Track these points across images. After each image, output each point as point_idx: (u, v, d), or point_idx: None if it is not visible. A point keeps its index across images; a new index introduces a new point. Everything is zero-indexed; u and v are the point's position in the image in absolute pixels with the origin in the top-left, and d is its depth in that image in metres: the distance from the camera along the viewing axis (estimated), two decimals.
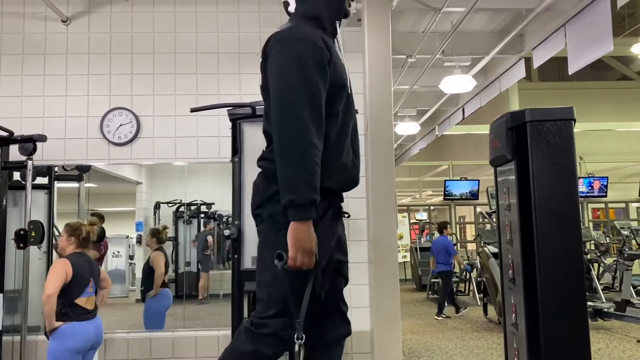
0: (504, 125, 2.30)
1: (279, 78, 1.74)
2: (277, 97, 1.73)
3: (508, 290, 2.43)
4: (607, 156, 12.61)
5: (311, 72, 1.73)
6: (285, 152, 1.69)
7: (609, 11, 4.69)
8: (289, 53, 1.75)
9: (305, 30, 1.81)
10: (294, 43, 1.76)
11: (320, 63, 1.76)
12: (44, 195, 4.62)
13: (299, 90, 1.70)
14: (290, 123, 1.70)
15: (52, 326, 3.23)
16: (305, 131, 1.69)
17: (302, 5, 1.91)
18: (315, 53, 1.76)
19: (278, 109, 1.72)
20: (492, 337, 6.08)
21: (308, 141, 1.69)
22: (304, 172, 1.68)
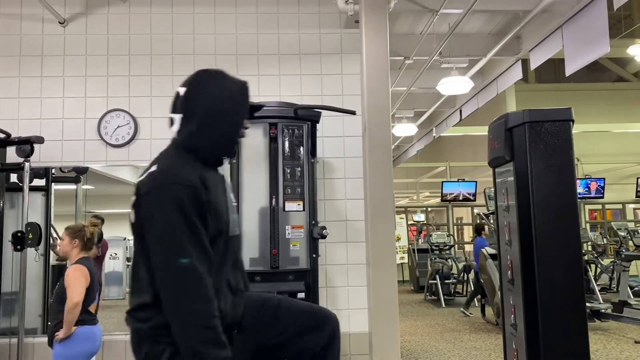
0: (503, 126, 2.31)
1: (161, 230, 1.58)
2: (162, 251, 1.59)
3: (507, 291, 2.43)
4: (604, 157, 12.64)
5: (193, 219, 1.58)
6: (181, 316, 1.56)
7: (605, 13, 4.70)
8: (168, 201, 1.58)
9: (184, 172, 1.63)
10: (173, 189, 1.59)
11: (201, 210, 1.61)
12: (41, 197, 4.60)
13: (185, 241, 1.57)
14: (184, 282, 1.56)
15: (69, 333, 3.22)
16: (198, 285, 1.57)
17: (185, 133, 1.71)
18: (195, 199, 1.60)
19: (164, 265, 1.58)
20: (489, 338, 6.08)
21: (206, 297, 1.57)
22: (209, 333, 1.56)
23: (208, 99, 1.74)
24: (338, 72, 4.80)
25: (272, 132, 3.80)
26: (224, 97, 1.75)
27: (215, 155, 1.76)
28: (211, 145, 1.72)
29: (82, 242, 3.39)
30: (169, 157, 1.70)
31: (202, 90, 1.75)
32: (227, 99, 1.75)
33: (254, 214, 3.74)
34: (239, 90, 1.79)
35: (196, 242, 1.59)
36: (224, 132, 1.74)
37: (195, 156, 1.70)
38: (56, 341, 3.25)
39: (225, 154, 1.79)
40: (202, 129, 1.70)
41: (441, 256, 9.73)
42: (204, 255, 1.60)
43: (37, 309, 4.50)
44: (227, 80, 1.79)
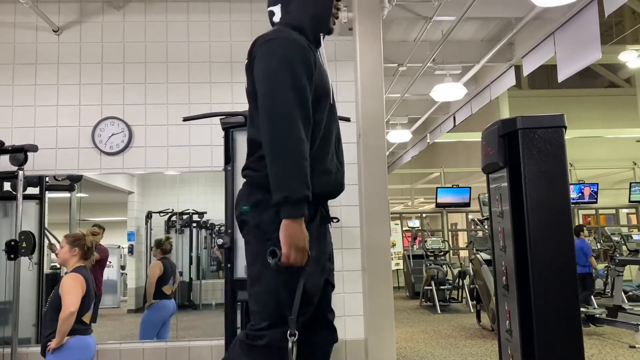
0: (496, 133, 2.32)
1: (266, 77, 1.74)
2: (265, 96, 1.73)
3: (502, 296, 2.44)
4: (597, 163, 12.72)
5: (298, 71, 1.74)
6: (276, 149, 1.69)
7: (596, 19, 4.75)
8: (276, 53, 1.75)
9: (291, 34, 1.82)
10: (281, 43, 1.77)
11: (307, 63, 1.77)
12: (35, 205, 4.58)
13: (287, 88, 1.71)
14: (280, 120, 1.69)
15: (61, 343, 3.19)
16: (295, 128, 1.69)
17: (287, 16, 1.91)
18: (302, 53, 1.77)
19: (267, 107, 1.72)
20: (485, 343, 6.08)
21: (298, 138, 1.69)
22: (296, 169, 1.68)
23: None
24: (332, 79, 4.79)
25: None
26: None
27: (314, 32, 1.90)
28: (310, 22, 1.89)
29: (81, 251, 3.37)
30: (278, 28, 1.88)
31: None
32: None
33: None
34: None
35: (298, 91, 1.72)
36: (320, 10, 1.91)
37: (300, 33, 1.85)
38: (48, 351, 3.22)
39: (323, 30, 1.93)
40: (300, 9, 1.89)
41: (436, 262, 9.74)
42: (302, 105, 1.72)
43: (31, 319, 4.47)
44: None
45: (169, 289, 4.62)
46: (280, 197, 1.67)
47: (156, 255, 4.69)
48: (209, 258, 4.96)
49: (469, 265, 9.00)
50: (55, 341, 3.18)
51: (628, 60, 8.55)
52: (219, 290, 4.80)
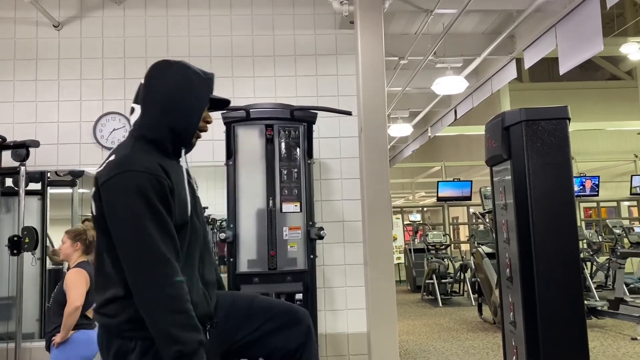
0: (500, 125, 2.32)
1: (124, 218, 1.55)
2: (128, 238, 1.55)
3: (505, 289, 2.44)
4: (598, 155, 12.70)
5: (156, 204, 1.56)
6: (154, 299, 1.53)
7: (598, 11, 4.73)
8: (129, 188, 1.56)
9: (143, 160, 1.61)
10: (133, 176, 1.57)
11: (164, 196, 1.59)
12: (37, 201, 4.58)
13: (149, 226, 1.54)
14: (151, 265, 1.53)
15: (66, 337, 3.21)
16: (170, 269, 1.54)
17: (145, 120, 1.70)
18: (156, 184, 1.58)
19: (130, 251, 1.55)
20: (487, 336, 6.10)
21: (176, 281, 1.54)
22: (182, 317, 1.53)
23: (164, 89, 1.72)
24: (333, 73, 4.80)
25: (269, 134, 3.79)
26: (181, 87, 1.72)
27: (172, 146, 1.73)
28: (167, 135, 1.70)
29: (84, 246, 3.39)
30: (127, 146, 1.68)
31: (159, 80, 1.74)
32: (184, 90, 1.72)
33: (251, 216, 3.74)
34: (199, 82, 1.76)
35: (161, 229, 1.56)
36: (181, 123, 1.72)
37: (153, 146, 1.69)
38: (53, 346, 3.23)
39: (183, 144, 1.75)
40: (159, 119, 1.69)
41: (437, 256, 9.74)
42: (170, 241, 1.58)
43: (35, 314, 4.48)
44: (186, 70, 1.76)
45: None
46: (171, 352, 1.51)
47: None
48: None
49: (470, 259, 9.00)
50: (60, 335, 3.19)
51: (629, 53, 8.52)
52: None
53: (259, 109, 3.85)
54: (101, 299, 1.66)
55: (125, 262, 1.56)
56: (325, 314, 4.51)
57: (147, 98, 1.71)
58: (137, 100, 1.75)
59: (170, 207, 1.61)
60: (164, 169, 1.63)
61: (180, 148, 1.75)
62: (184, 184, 1.72)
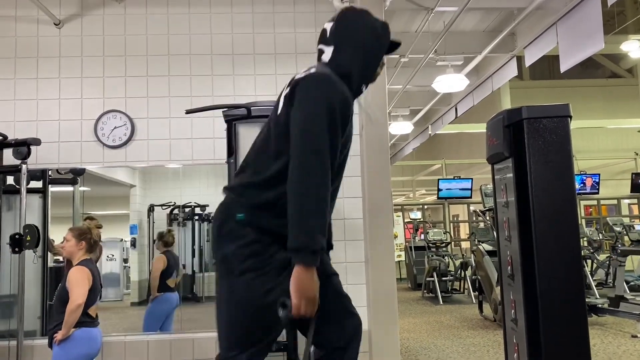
0: (501, 123, 2.32)
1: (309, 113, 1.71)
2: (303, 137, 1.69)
3: (507, 286, 2.44)
4: (599, 153, 12.71)
5: (337, 124, 1.73)
6: (306, 193, 1.64)
7: (599, 9, 4.73)
8: (323, 96, 1.73)
9: (341, 84, 1.80)
10: (330, 87, 1.75)
11: (345, 117, 1.78)
12: (39, 199, 4.59)
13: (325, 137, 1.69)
14: (314, 165, 1.66)
15: (68, 335, 3.23)
16: (325, 176, 1.67)
17: (337, 58, 1.88)
18: (344, 106, 1.77)
19: (303, 148, 1.68)
20: (487, 334, 6.11)
21: (327, 186, 1.67)
22: (321, 219, 1.63)
23: (357, 32, 1.90)
24: None
25: None
26: (372, 32, 1.91)
27: (359, 83, 1.90)
28: (358, 72, 1.87)
29: (88, 244, 3.42)
30: (326, 69, 1.84)
31: (351, 24, 1.91)
32: (374, 34, 1.91)
33: None
34: (381, 28, 1.94)
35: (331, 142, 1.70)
36: (369, 63, 1.90)
37: (343, 79, 1.83)
38: (55, 343, 3.25)
39: (367, 82, 1.94)
40: (352, 58, 1.87)
41: (438, 253, 9.76)
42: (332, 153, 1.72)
43: (36, 311, 4.49)
44: (372, 18, 1.95)
45: (172, 282, 4.64)
46: (299, 242, 1.60)
47: (159, 248, 4.70)
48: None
49: (470, 257, 9.01)
50: (61, 333, 3.21)
51: (630, 51, 8.52)
52: None
53: (260, 106, 3.85)
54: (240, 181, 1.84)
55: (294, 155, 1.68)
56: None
57: (341, 39, 1.89)
58: (325, 42, 1.93)
59: (345, 129, 1.79)
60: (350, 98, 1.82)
61: (361, 85, 1.92)
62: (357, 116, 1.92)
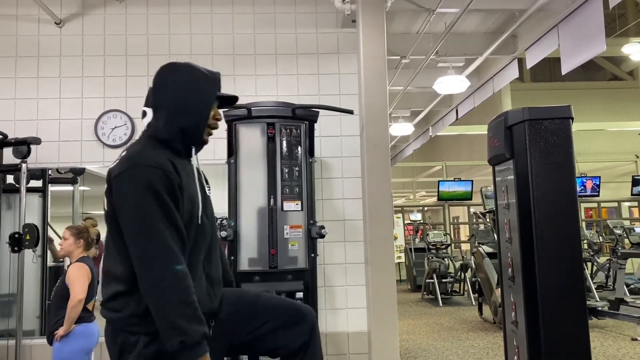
0: (503, 124, 2.31)
1: (133, 209, 1.61)
2: (136, 231, 1.60)
3: (507, 288, 2.43)
4: (599, 156, 12.69)
5: (164, 198, 1.62)
6: (159, 290, 1.56)
7: (601, 11, 4.71)
8: (139, 182, 1.62)
9: (154, 156, 1.68)
10: (143, 170, 1.63)
11: (172, 190, 1.65)
12: (38, 198, 4.58)
13: (159, 221, 1.59)
14: (157, 256, 1.57)
15: (69, 330, 3.30)
16: (175, 261, 1.58)
17: (155, 123, 1.77)
18: (165, 179, 1.64)
19: (138, 243, 1.60)
20: (487, 336, 6.09)
21: (181, 272, 1.58)
22: (186, 308, 1.56)
23: (172, 91, 1.78)
24: (335, 71, 4.80)
25: (270, 132, 3.79)
26: (189, 88, 1.78)
27: (183, 145, 1.79)
28: (178, 135, 1.76)
29: (85, 242, 3.50)
30: (140, 144, 1.76)
31: (167, 83, 1.80)
32: (192, 90, 1.79)
33: (252, 214, 3.73)
34: (205, 81, 1.82)
35: (168, 221, 1.61)
36: (190, 122, 1.77)
37: (164, 145, 1.75)
38: (56, 340, 3.29)
39: (193, 143, 1.81)
40: (169, 120, 1.75)
41: (438, 255, 9.74)
42: (176, 233, 1.62)
43: (35, 311, 4.48)
44: (193, 71, 1.82)
45: None
46: (175, 342, 1.54)
47: None
48: None
49: (470, 258, 9.00)
50: (63, 328, 3.28)
51: (631, 53, 8.50)
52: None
53: (260, 107, 3.85)
54: (107, 293, 1.70)
55: (133, 253, 1.61)
56: (326, 313, 4.51)
57: (157, 101, 1.78)
58: (147, 103, 1.82)
59: (178, 202, 1.66)
60: (174, 166, 1.69)
61: (191, 147, 1.81)
62: (195, 182, 1.78)
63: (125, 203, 1.63)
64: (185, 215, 1.69)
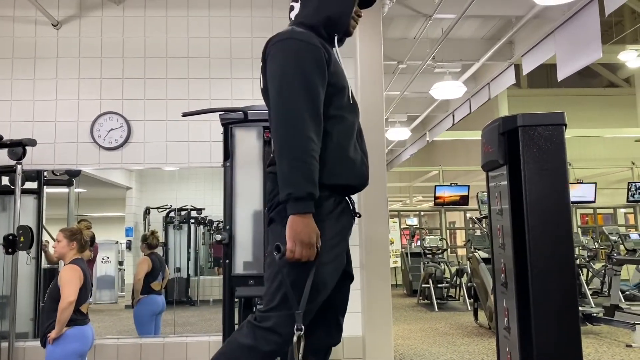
0: (496, 130, 2.32)
1: (277, 76, 1.77)
2: (275, 94, 1.76)
3: (500, 294, 2.44)
4: (596, 162, 12.73)
5: (308, 70, 1.76)
6: (282, 147, 1.72)
7: (597, 19, 4.75)
8: (287, 52, 1.78)
9: (304, 33, 1.84)
10: (293, 43, 1.80)
11: (318, 62, 1.79)
12: (33, 200, 4.57)
13: (297, 87, 1.73)
14: (287, 118, 1.72)
15: (61, 333, 3.28)
16: (302, 126, 1.71)
17: (303, 12, 1.94)
18: (313, 52, 1.79)
19: (276, 105, 1.75)
20: (482, 342, 6.09)
21: (305, 135, 1.71)
22: (301, 166, 1.69)
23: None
24: None
25: (266, 136, 3.79)
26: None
27: (328, 32, 1.93)
28: (324, 22, 1.91)
29: (79, 245, 3.48)
30: (292, 26, 1.91)
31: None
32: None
33: (248, 218, 3.73)
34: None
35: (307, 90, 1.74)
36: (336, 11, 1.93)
37: (312, 30, 1.89)
38: (49, 342, 3.28)
39: (338, 32, 1.97)
40: (319, 7, 1.92)
41: (434, 260, 9.75)
42: (311, 103, 1.75)
43: (29, 313, 4.47)
44: None
45: (157, 285, 4.61)
46: (284, 194, 1.70)
47: (143, 250, 4.69)
48: (207, 254, 4.96)
49: (466, 264, 9.01)
50: (54, 331, 3.26)
51: (627, 60, 8.55)
52: (217, 287, 4.79)
53: (257, 110, 3.85)
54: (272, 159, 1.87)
55: (272, 114, 1.77)
56: None
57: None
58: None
59: (324, 74, 1.81)
60: (323, 45, 1.84)
61: (333, 36, 1.95)
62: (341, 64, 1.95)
63: (274, 69, 1.78)
64: (336, 88, 1.85)
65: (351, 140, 1.90)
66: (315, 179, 1.72)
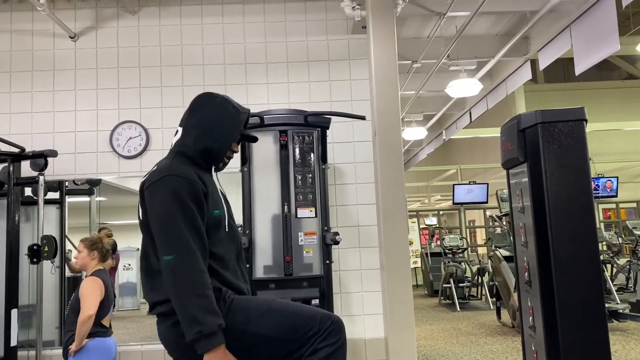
0: (515, 128, 2.29)
1: (161, 214, 1.79)
2: (161, 231, 1.78)
3: (524, 292, 2.41)
4: (616, 156, 12.52)
5: (188, 205, 1.79)
6: (179, 286, 1.72)
7: (614, 10, 4.67)
8: (166, 189, 1.81)
9: (181, 168, 1.87)
10: (171, 180, 1.82)
11: (196, 195, 1.83)
12: (56, 209, 4.64)
13: (181, 223, 1.77)
14: (178, 255, 1.74)
15: (81, 345, 3.23)
16: (194, 261, 1.74)
17: (184, 140, 1.96)
18: (192, 187, 1.82)
19: (164, 243, 1.77)
20: (506, 341, 6.03)
21: (198, 269, 1.74)
22: (202, 300, 1.71)
23: (205, 115, 1.97)
24: (346, 77, 4.81)
25: (283, 140, 3.81)
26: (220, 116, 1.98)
27: (206, 161, 1.97)
28: (202, 152, 1.95)
29: (100, 254, 3.42)
30: (168, 158, 1.95)
31: (202, 108, 2.00)
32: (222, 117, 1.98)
33: (267, 222, 3.75)
34: (235, 114, 2.00)
35: (191, 225, 1.78)
36: (214, 145, 1.96)
37: (191, 160, 1.94)
38: (70, 355, 3.25)
39: (214, 162, 2.00)
40: (197, 138, 1.95)
41: (455, 259, 9.67)
42: (197, 237, 1.79)
43: (54, 321, 4.53)
44: (227, 103, 2.01)
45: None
46: (193, 333, 1.68)
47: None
48: None
49: (487, 262, 8.92)
50: (74, 344, 3.21)
51: None
52: None
53: (273, 115, 3.87)
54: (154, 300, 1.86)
55: (159, 251, 1.79)
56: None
57: (190, 122, 1.99)
58: (180, 124, 2.02)
59: (203, 207, 1.84)
60: (199, 177, 1.88)
61: (211, 165, 2.00)
62: (217, 189, 1.98)
63: (154, 208, 1.82)
64: (211, 220, 1.87)
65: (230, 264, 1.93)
66: (217, 309, 1.74)
